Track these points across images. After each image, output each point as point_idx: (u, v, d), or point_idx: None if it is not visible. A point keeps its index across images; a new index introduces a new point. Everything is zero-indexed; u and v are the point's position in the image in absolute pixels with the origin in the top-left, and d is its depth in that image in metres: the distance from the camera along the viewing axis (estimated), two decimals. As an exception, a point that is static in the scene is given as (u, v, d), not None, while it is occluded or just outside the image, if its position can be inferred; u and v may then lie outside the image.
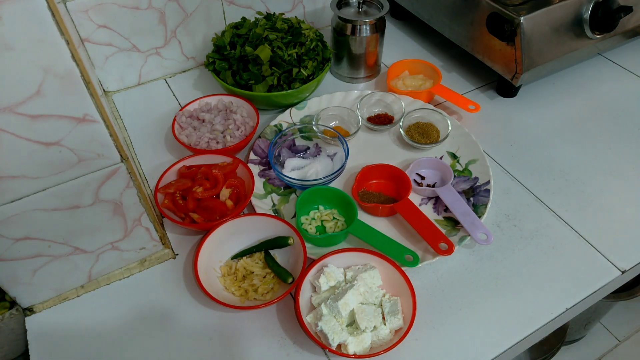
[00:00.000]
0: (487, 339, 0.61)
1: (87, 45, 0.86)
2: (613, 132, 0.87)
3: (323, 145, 0.84)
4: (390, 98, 0.89)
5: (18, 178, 0.49)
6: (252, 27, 0.86)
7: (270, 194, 0.77)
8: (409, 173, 0.77)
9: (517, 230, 0.73)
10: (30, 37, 0.42)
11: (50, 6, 0.41)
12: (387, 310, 0.60)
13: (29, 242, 0.56)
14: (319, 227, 0.72)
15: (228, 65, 0.86)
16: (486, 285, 0.66)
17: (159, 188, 0.72)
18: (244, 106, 0.86)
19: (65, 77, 0.45)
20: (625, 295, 1.37)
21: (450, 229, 0.72)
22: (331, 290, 0.63)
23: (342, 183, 0.79)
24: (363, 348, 0.58)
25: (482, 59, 0.91)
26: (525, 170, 0.81)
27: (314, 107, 0.90)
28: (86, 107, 0.49)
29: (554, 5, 0.83)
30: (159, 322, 0.64)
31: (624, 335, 1.58)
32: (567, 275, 0.67)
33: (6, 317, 0.62)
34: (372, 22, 0.90)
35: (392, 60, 0.98)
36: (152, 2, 0.86)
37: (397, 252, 0.66)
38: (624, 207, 0.75)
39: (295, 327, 0.63)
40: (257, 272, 0.66)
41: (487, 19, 0.86)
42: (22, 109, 0.45)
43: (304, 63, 0.86)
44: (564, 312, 0.64)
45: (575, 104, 0.93)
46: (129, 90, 0.97)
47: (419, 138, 0.83)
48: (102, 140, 0.52)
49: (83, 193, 0.55)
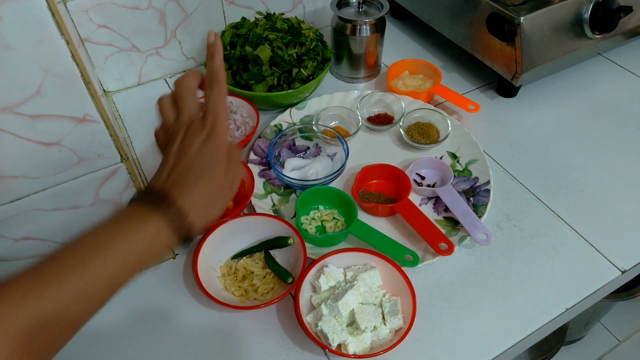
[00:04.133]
0: (487, 339, 0.61)
1: (87, 45, 0.86)
2: (613, 132, 0.87)
3: (323, 145, 0.84)
4: (390, 98, 0.89)
5: (18, 178, 0.49)
6: (252, 27, 0.86)
7: (270, 194, 0.77)
8: (409, 173, 0.77)
9: (517, 230, 0.73)
10: (30, 37, 0.42)
11: (50, 6, 0.41)
12: (387, 310, 0.60)
13: (29, 242, 0.56)
14: (319, 227, 0.72)
15: (228, 65, 0.86)
16: (486, 285, 0.66)
17: (159, 188, 0.72)
18: (244, 106, 0.86)
19: (65, 77, 0.45)
20: (625, 295, 1.38)
21: (450, 229, 0.72)
22: (331, 290, 0.63)
23: (342, 183, 0.79)
24: (363, 348, 0.58)
25: (482, 59, 0.91)
26: (525, 170, 0.81)
27: (314, 107, 0.90)
28: (86, 107, 0.49)
29: (554, 5, 0.83)
30: (159, 322, 0.64)
31: (624, 335, 1.58)
32: (567, 275, 0.67)
33: (6, 317, 0.62)
34: (372, 22, 0.90)
35: (392, 60, 0.98)
36: (152, 2, 0.86)
37: (397, 252, 0.66)
38: (624, 207, 0.75)
39: (295, 327, 0.63)
40: (257, 272, 0.66)
41: (487, 19, 0.86)
42: (22, 109, 0.45)
43: (304, 63, 0.86)
44: (564, 312, 0.64)
45: (575, 104, 0.93)
46: (129, 90, 0.97)
47: (419, 138, 0.83)
48: (102, 140, 0.52)
49: (83, 193, 0.55)
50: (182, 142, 0.48)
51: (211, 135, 0.48)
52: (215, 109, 0.50)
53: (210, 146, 0.48)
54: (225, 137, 0.50)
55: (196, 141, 0.48)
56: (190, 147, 0.48)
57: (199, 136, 0.48)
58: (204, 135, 0.48)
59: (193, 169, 0.46)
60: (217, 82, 0.51)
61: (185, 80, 0.53)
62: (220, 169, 0.48)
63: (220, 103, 0.50)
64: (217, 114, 0.50)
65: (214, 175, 0.47)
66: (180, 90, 0.53)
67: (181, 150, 0.48)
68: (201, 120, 0.50)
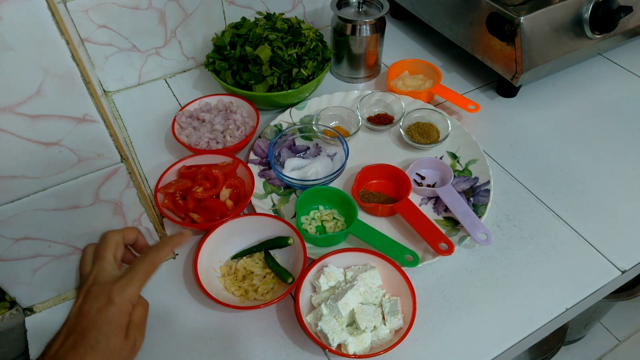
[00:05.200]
0: (487, 339, 0.61)
1: (87, 45, 0.86)
2: (613, 132, 0.87)
3: (323, 145, 0.84)
4: (390, 98, 0.89)
5: (18, 178, 0.49)
6: (252, 27, 0.86)
7: (270, 194, 0.77)
8: (409, 173, 0.77)
9: (517, 230, 0.73)
10: (30, 37, 0.42)
11: (50, 6, 0.41)
12: (387, 310, 0.60)
13: (29, 242, 0.56)
14: (319, 227, 0.72)
15: (228, 65, 0.85)
16: (486, 285, 0.66)
17: (159, 188, 0.72)
18: (244, 106, 0.86)
19: (65, 77, 0.45)
20: (625, 295, 1.38)
21: (450, 229, 0.72)
22: (331, 290, 0.63)
23: (342, 183, 0.79)
24: (363, 348, 0.58)
25: (482, 59, 0.91)
26: (525, 170, 0.81)
27: (314, 107, 0.90)
28: (86, 107, 0.49)
29: (554, 5, 0.83)
30: (159, 322, 0.63)
31: (624, 335, 1.58)
32: (567, 275, 0.67)
33: (6, 317, 0.62)
34: (372, 22, 0.90)
35: (392, 60, 0.98)
36: (152, 2, 0.86)
37: (397, 252, 0.66)
38: (624, 207, 0.75)
39: (295, 327, 0.63)
40: (257, 272, 0.66)
41: (487, 19, 0.86)
42: (22, 109, 0.45)
43: (304, 63, 0.86)
44: (564, 312, 0.64)
45: (575, 104, 0.93)
46: (129, 90, 0.97)
47: (419, 138, 0.83)
48: (102, 140, 0.52)
49: (83, 193, 0.55)
50: (81, 306, 0.50)
51: (109, 304, 0.49)
52: (133, 273, 0.52)
53: (106, 314, 0.49)
54: (125, 304, 0.51)
55: (93, 307, 0.49)
56: (88, 313, 0.49)
57: (98, 302, 0.50)
58: (103, 301, 0.50)
59: (88, 337, 0.47)
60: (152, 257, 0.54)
61: (112, 235, 0.57)
62: (117, 335, 0.49)
63: (140, 273, 0.53)
64: (132, 275, 0.52)
65: (110, 342, 0.48)
66: (102, 242, 0.57)
67: (80, 312, 0.50)
68: (109, 282, 0.52)
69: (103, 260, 0.55)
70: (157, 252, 0.55)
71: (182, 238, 0.58)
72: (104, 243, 0.57)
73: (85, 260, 0.58)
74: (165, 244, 0.56)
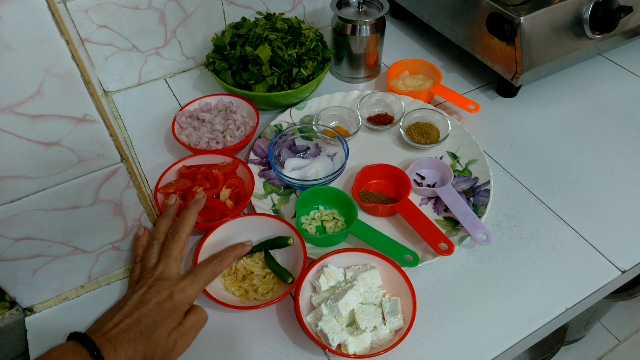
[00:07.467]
0: (487, 339, 0.61)
1: (87, 45, 0.86)
2: (613, 132, 0.87)
3: (323, 145, 0.84)
4: (390, 98, 0.89)
5: (18, 178, 0.49)
6: (252, 27, 0.86)
7: (270, 194, 0.77)
8: (409, 173, 0.77)
9: (517, 230, 0.73)
10: (30, 37, 0.42)
11: (50, 6, 0.41)
12: (387, 310, 0.60)
13: (29, 242, 0.56)
14: (319, 227, 0.72)
15: (228, 65, 0.85)
16: (486, 285, 0.66)
17: (159, 188, 0.72)
18: (244, 106, 0.86)
19: (65, 77, 0.45)
20: (625, 295, 1.38)
21: (450, 229, 0.72)
22: (331, 290, 0.63)
23: (342, 183, 0.79)
24: (363, 348, 0.58)
25: (482, 59, 0.91)
26: (525, 170, 0.81)
27: (314, 107, 0.90)
28: (86, 107, 0.49)
29: (554, 5, 0.83)
30: (159, 322, 0.63)
31: (624, 335, 1.58)
32: (567, 275, 0.67)
33: (6, 317, 0.62)
34: (372, 22, 0.90)
35: (392, 60, 0.98)
36: (152, 2, 0.86)
37: (397, 252, 0.66)
38: (624, 207, 0.75)
39: (295, 327, 0.63)
40: (257, 272, 0.66)
41: (487, 19, 0.86)
42: (22, 109, 0.45)
43: (304, 63, 0.86)
44: (564, 312, 0.64)
45: (575, 104, 0.93)
46: (129, 90, 0.97)
47: (419, 138, 0.83)
48: (102, 140, 0.52)
49: (83, 193, 0.55)
50: (143, 295, 0.53)
51: (169, 299, 0.53)
52: (196, 277, 0.56)
53: (164, 307, 0.52)
54: (184, 302, 0.54)
55: (154, 300, 0.52)
56: (149, 303, 0.52)
57: (159, 295, 0.53)
58: (164, 296, 0.53)
59: (140, 324, 0.50)
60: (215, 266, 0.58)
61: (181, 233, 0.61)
62: (162, 329, 0.51)
63: (202, 278, 0.57)
64: (194, 278, 0.55)
65: (154, 333, 0.51)
66: (172, 241, 0.60)
67: (141, 300, 0.52)
68: (174, 279, 0.55)
69: (170, 258, 0.58)
70: (220, 261, 0.58)
71: (244, 249, 0.62)
72: (174, 243, 0.60)
73: (139, 246, 0.62)
74: (228, 255, 0.59)
